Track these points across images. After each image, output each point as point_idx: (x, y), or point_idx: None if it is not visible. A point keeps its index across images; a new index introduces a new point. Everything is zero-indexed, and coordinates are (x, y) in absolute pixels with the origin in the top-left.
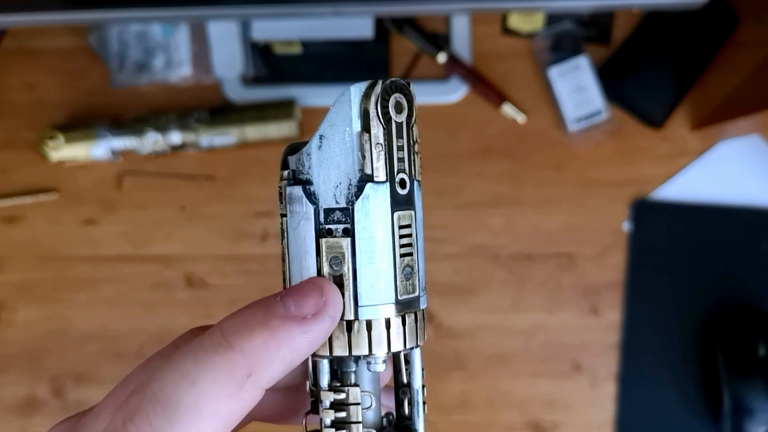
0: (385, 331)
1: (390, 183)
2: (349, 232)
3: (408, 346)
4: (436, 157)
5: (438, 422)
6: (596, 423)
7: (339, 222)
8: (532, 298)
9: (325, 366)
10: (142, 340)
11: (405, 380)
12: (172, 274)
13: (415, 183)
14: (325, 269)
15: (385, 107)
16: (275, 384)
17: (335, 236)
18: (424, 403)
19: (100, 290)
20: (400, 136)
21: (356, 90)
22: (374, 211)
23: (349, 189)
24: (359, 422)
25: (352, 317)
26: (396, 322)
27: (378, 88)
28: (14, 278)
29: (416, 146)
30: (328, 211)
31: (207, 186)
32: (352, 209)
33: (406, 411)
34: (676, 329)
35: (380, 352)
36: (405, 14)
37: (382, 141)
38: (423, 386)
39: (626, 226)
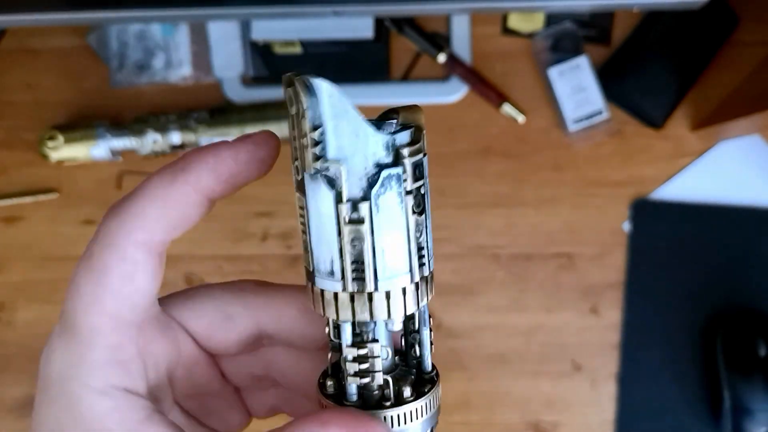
0: (401, 297)
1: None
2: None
3: (421, 305)
4: (436, 157)
5: (438, 422)
6: (596, 423)
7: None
8: (532, 298)
9: (347, 328)
10: None
11: (416, 327)
12: (172, 274)
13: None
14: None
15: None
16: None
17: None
18: (431, 344)
19: None
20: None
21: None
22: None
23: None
24: (380, 371)
25: (372, 289)
26: (410, 289)
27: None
28: (14, 278)
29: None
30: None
31: None
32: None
33: (417, 352)
34: (676, 329)
35: (398, 316)
36: (405, 14)
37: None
38: (431, 330)
39: (626, 226)
